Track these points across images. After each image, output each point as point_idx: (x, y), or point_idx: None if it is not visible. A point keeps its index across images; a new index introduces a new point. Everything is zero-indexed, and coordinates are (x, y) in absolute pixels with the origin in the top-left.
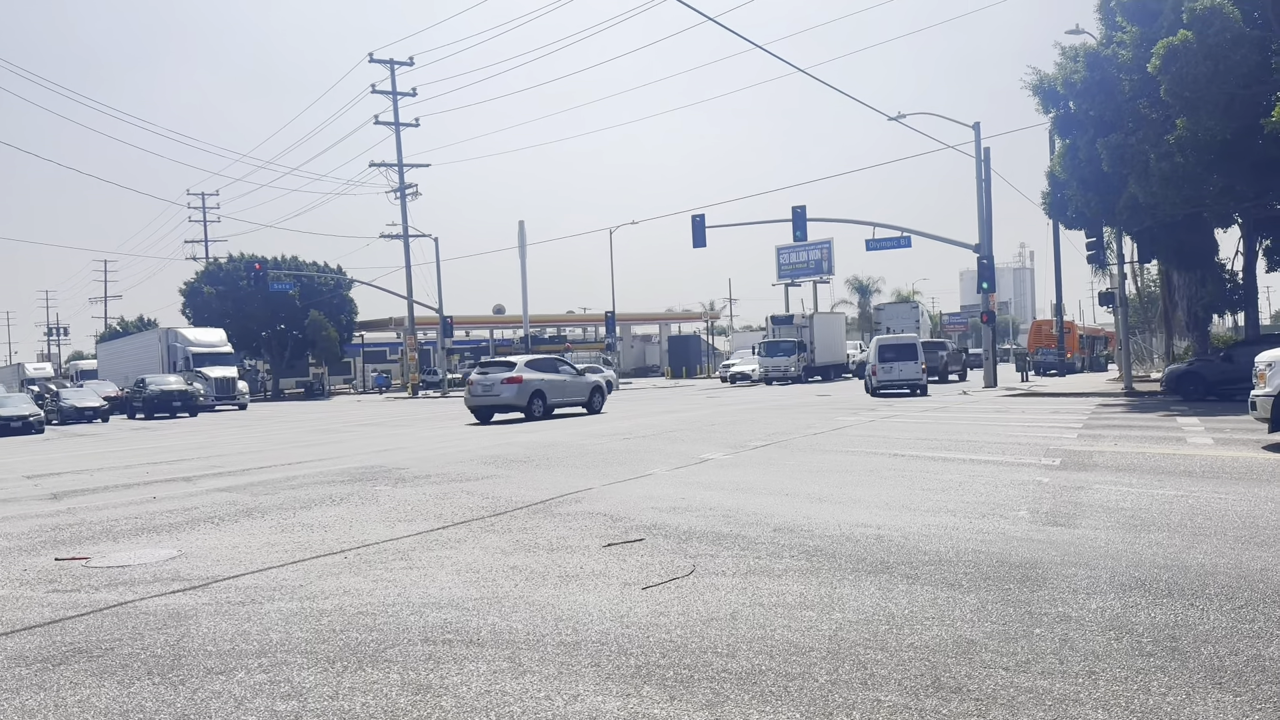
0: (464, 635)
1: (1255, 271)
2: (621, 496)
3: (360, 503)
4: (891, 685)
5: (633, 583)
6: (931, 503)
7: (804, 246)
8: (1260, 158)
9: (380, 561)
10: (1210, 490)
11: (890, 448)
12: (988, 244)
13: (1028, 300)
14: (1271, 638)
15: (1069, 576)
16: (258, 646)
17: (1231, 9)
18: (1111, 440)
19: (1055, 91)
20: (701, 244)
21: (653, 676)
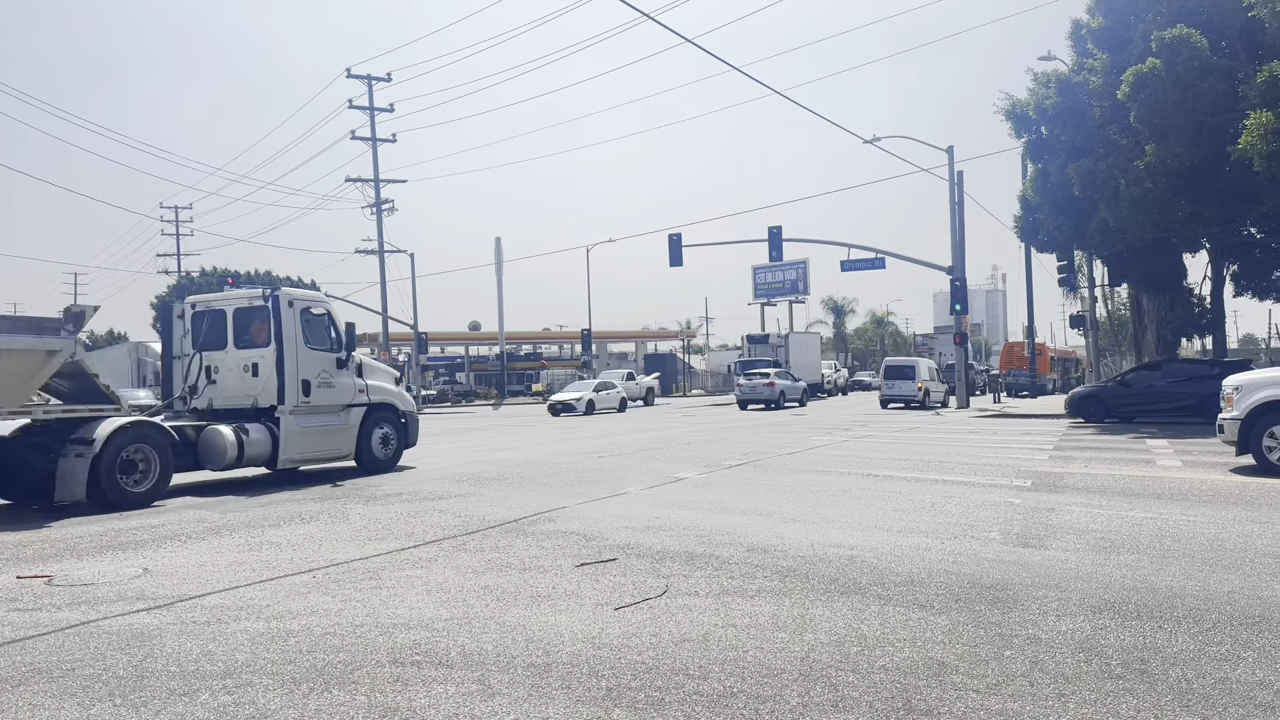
0: (433, 657)
1: (1223, 296)
2: (595, 515)
3: (330, 521)
4: (863, 708)
5: (605, 603)
6: (904, 523)
7: (780, 266)
8: (1227, 184)
9: (349, 581)
10: (1179, 512)
11: (864, 468)
12: (960, 266)
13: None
14: (1238, 660)
15: (1040, 598)
16: (222, 667)
17: (1199, 38)
18: (1082, 462)
19: (1027, 117)
20: (678, 263)
21: (623, 699)
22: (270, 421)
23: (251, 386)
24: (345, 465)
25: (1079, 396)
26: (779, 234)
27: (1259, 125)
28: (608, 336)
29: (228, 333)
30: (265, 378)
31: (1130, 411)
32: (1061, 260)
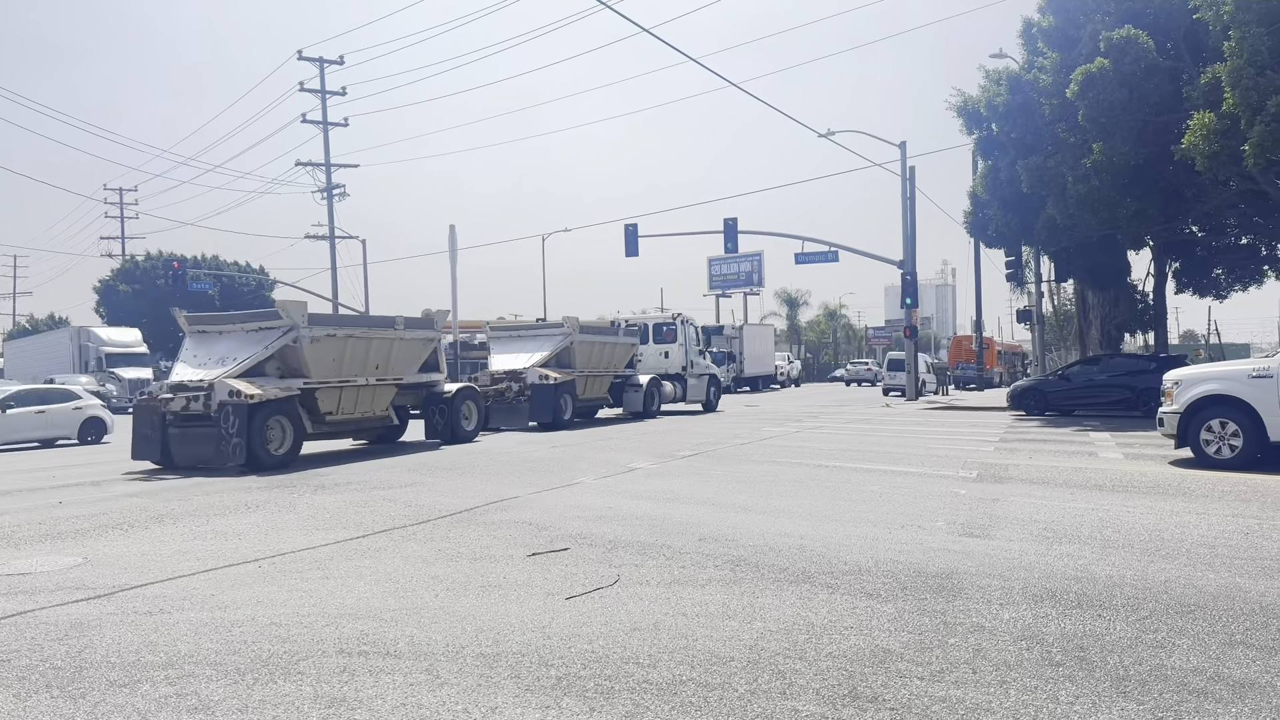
0: (381, 647)
1: (1165, 292)
2: (548, 505)
3: (277, 510)
4: (810, 695)
5: (556, 593)
6: (853, 513)
7: (735, 258)
8: (1171, 183)
9: (296, 571)
10: (1119, 503)
11: (815, 458)
12: (911, 260)
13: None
14: (1174, 648)
15: (984, 587)
16: (164, 658)
17: (1146, 39)
18: (1027, 454)
19: (978, 113)
20: (634, 253)
21: (573, 688)
22: (678, 381)
23: (662, 364)
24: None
25: (1020, 390)
26: (734, 226)
27: (1201, 126)
28: None
29: (649, 335)
30: (673, 359)
31: (1071, 405)
32: (1009, 256)
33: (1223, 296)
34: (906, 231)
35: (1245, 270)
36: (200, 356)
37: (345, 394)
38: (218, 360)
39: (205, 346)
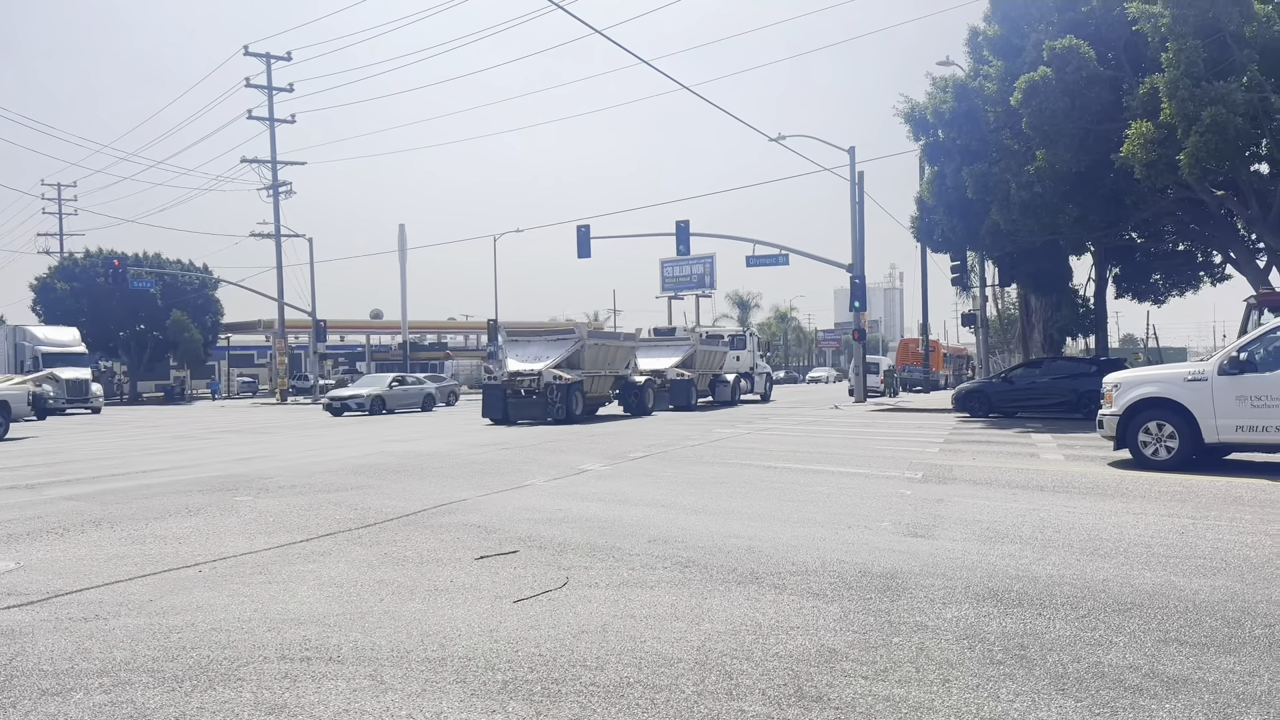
0: (324, 652)
1: (1105, 297)
2: (497, 508)
3: (219, 514)
4: (756, 695)
5: (504, 596)
6: (801, 514)
7: (687, 261)
8: (1111, 190)
9: (237, 576)
10: (1060, 504)
11: (765, 460)
12: (860, 264)
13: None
14: (1111, 645)
15: (927, 586)
16: (99, 665)
17: (1087, 50)
18: (970, 455)
19: (925, 120)
20: (586, 254)
21: (519, 691)
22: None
23: (736, 365)
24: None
25: (964, 392)
26: (686, 228)
27: (1140, 135)
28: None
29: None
30: (743, 361)
31: (1013, 407)
32: (955, 261)
33: (1161, 301)
34: (855, 236)
35: (1182, 276)
36: (521, 356)
37: (596, 381)
38: (534, 358)
39: (520, 349)
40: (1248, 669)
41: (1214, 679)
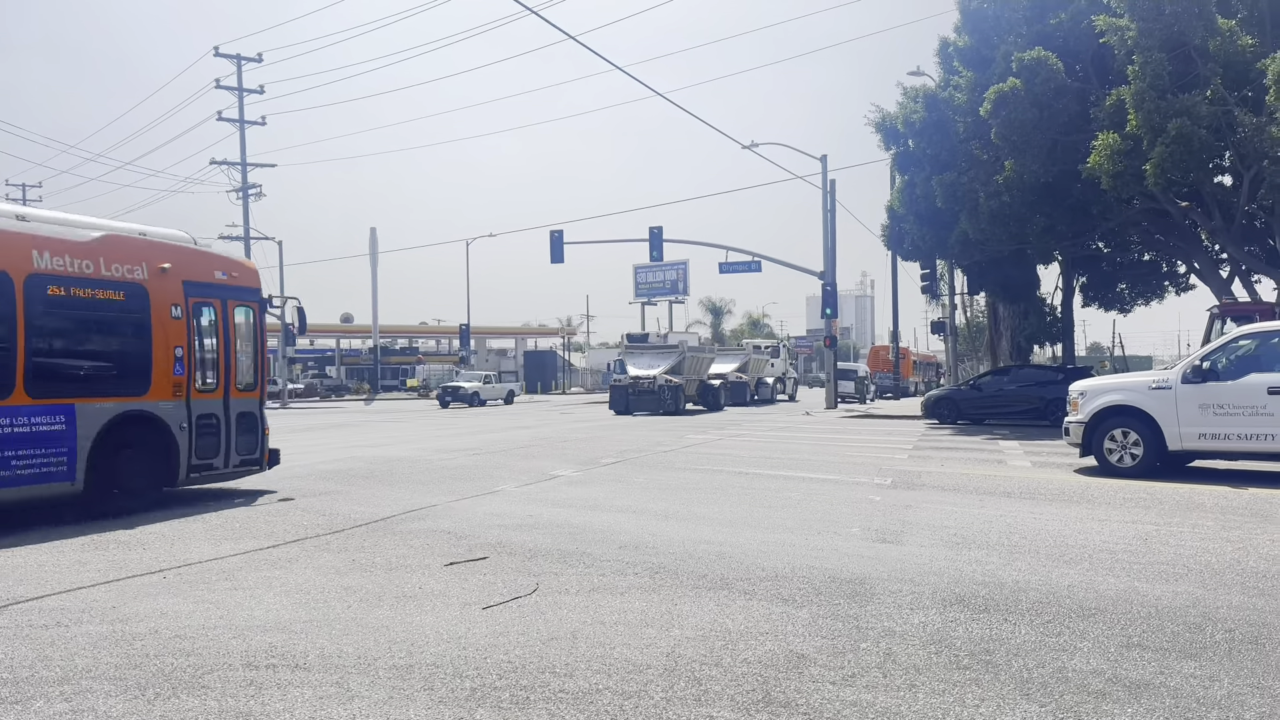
0: (290, 659)
1: (1072, 306)
2: (467, 513)
3: (184, 518)
4: (724, 701)
5: (473, 603)
6: (772, 520)
7: (661, 267)
8: (1078, 200)
9: (203, 582)
10: (1026, 510)
11: (736, 466)
12: (832, 272)
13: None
14: (1075, 650)
15: (895, 592)
16: (60, 673)
17: (1056, 61)
18: (939, 461)
19: (896, 130)
20: (560, 260)
21: (488, 699)
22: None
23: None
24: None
25: (933, 399)
26: (659, 234)
27: (1106, 146)
28: (487, 332)
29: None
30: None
31: (981, 414)
32: (925, 269)
33: (1127, 310)
34: (827, 243)
35: (1148, 285)
36: (638, 363)
37: (690, 383)
38: (648, 365)
39: (636, 357)
40: (1208, 673)
41: (1175, 683)
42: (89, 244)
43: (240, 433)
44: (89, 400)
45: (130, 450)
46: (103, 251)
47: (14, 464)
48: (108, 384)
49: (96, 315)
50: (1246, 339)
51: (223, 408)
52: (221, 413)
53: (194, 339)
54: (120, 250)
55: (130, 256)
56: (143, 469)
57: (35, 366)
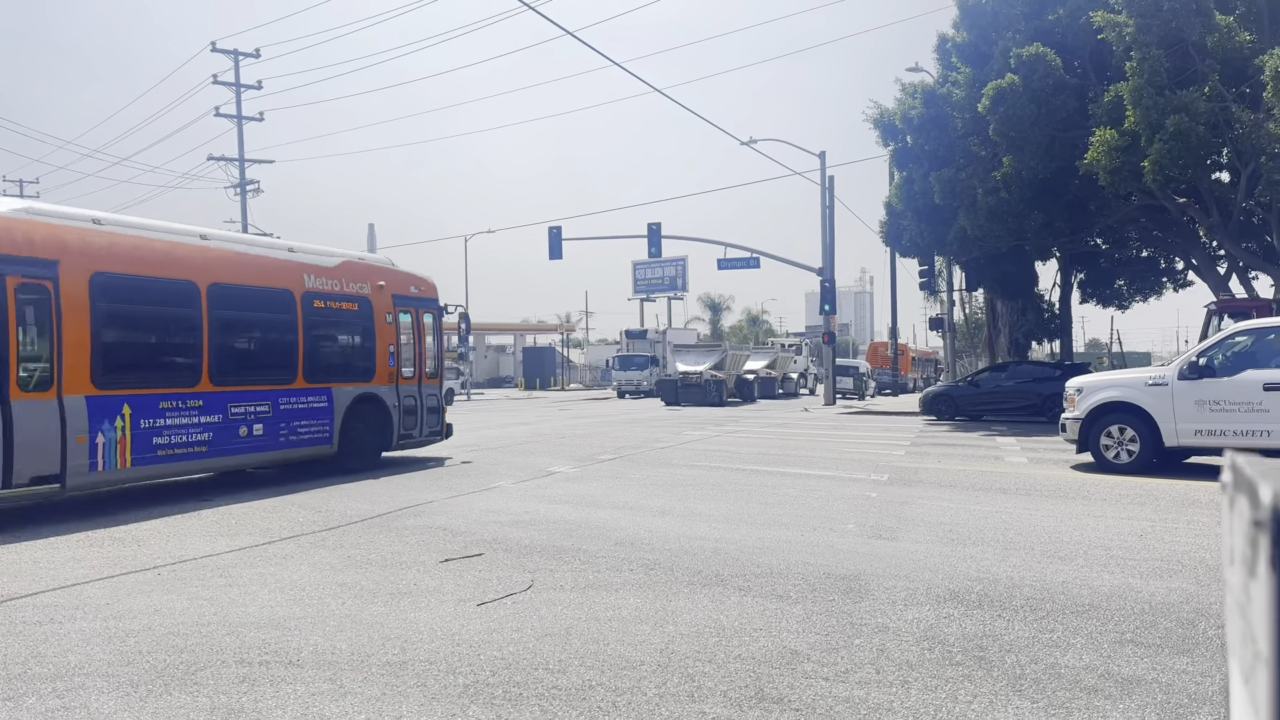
0: (283, 656)
1: (1070, 302)
2: (463, 510)
3: (179, 515)
4: (717, 697)
5: (467, 599)
6: (767, 516)
7: (659, 263)
8: (1076, 197)
9: (197, 578)
10: (1022, 506)
11: (733, 462)
12: (830, 268)
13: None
14: (1068, 647)
15: (890, 588)
16: (53, 669)
17: (1054, 57)
18: (936, 458)
19: (894, 126)
20: (558, 256)
21: (481, 695)
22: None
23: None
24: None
25: (931, 395)
26: (658, 230)
27: (1104, 142)
28: (486, 328)
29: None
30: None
31: (979, 410)
32: (923, 265)
33: (1125, 306)
34: (826, 240)
35: (1146, 282)
36: (685, 360)
37: (730, 378)
38: (695, 362)
39: (683, 355)
40: (1200, 670)
41: (1167, 679)
42: (333, 268)
43: (428, 411)
44: (340, 384)
45: (362, 423)
46: (343, 273)
47: (300, 431)
48: (350, 373)
49: (342, 321)
50: (1243, 335)
51: (417, 391)
52: (417, 395)
53: (399, 339)
54: (353, 272)
55: (359, 276)
56: (371, 437)
57: (308, 360)
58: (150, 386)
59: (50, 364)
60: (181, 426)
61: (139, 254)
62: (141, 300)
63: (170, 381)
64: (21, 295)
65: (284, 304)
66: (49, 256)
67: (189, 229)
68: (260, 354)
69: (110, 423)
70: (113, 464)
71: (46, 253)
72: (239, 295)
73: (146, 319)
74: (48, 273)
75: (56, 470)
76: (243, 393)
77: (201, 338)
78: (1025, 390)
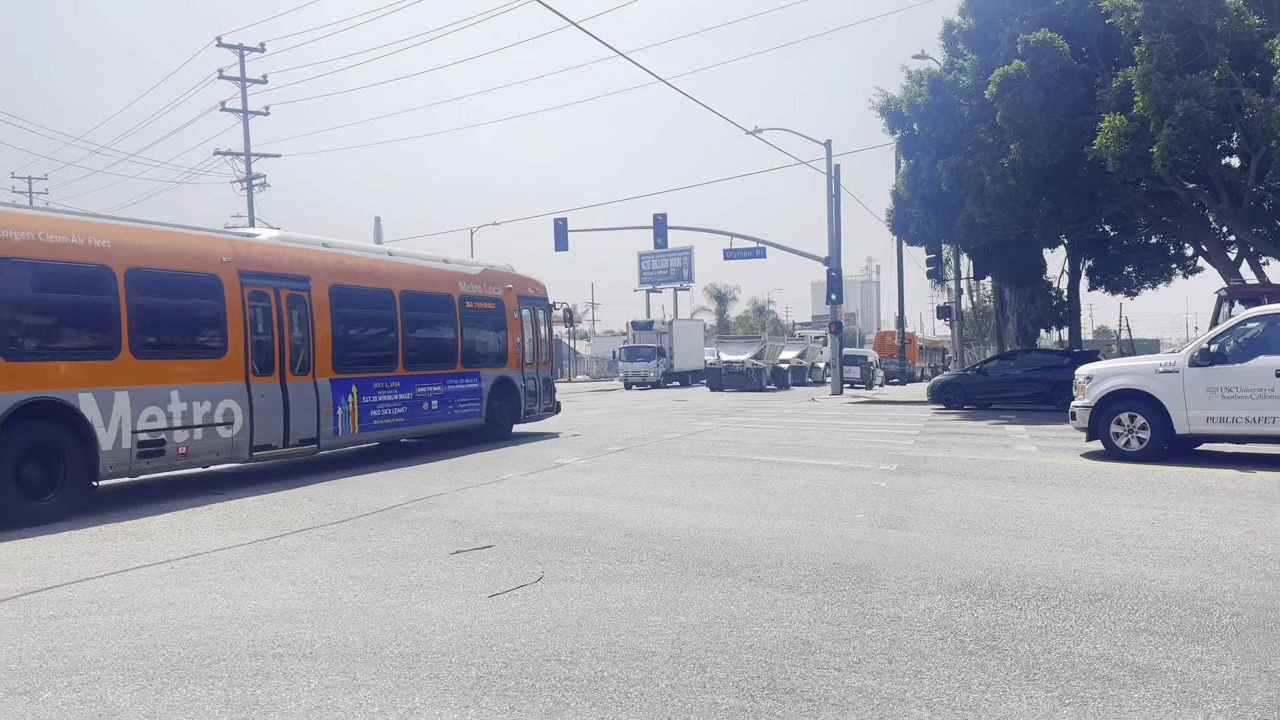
0: (296, 649)
1: (1079, 289)
2: (473, 502)
3: (191, 508)
4: (730, 687)
5: (479, 591)
6: (777, 506)
7: (665, 254)
8: (1084, 183)
9: (210, 572)
10: (1032, 495)
11: (742, 452)
12: (837, 257)
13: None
14: (1081, 636)
15: (901, 578)
16: (68, 664)
17: (1062, 43)
18: (945, 446)
19: (901, 114)
20: (564, 247)
21: (493, 687)
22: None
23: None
24: None
25: (939, 384)
26: (664, 221)
27: (1113, 128)
28: None
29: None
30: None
31: (987, 399)
32: (930, 254)
33: (1134, 293)
34: (832, 229)
35: (1155, 268)
36: (728, 351)
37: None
38: (737, 352)
39: (727, 347)
40: (1215, 658)
41: (1182, 668)
42: (477, 274)
43: (545, 391)
44: (485, 369)
45: (500, 401)
46: (484, 278)
47: (461, 406)
48: (491, 359)
49: (485, 318)
50: (1254, 321)
51: (536, 375)
52: (536, 378)
53: (523, 332)
54: (491, 277)
55: (495, 280)
56: (507, 412)
57: (465, 349)
58: (367, 371)
59: (307, 355)
60: (388, 402)
61: (356, 269)
62: (360, 304)
63: (379, 367)
64: (289, 304)
65: (448, 305)
66: (303, 274)
67: (377, 248)
68: (434, 345)
69: (344, 399)
70: (348, 430)
71: (301, 270)
72: (419, 299)
73: (363, 319)
74: (304, 286)
75: (314, 435)
76: (425, 376)
77: (397, 333)
78: (1034, 378)
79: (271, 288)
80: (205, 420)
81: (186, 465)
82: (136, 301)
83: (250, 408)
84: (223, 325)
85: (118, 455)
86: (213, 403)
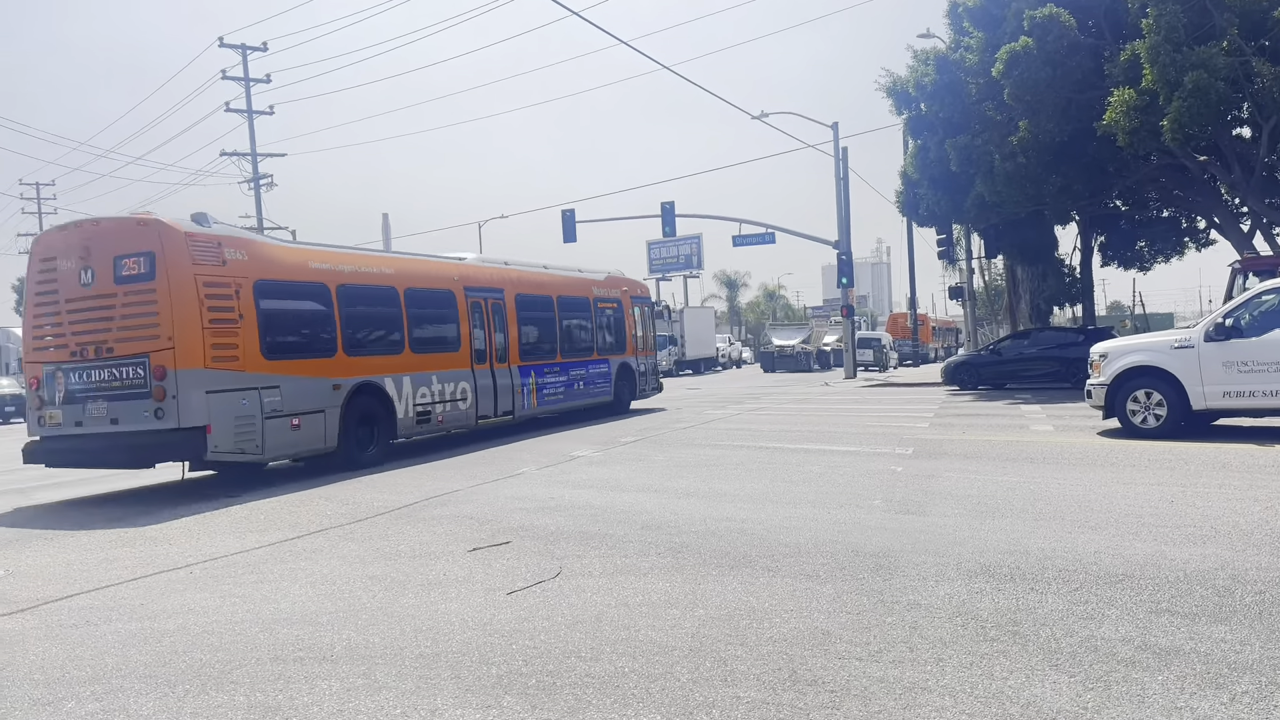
0: (317, 652)
1: (1091, 266)
2: (489, 498)
3: (208, 511)
4: (751, 680)
5: (498, 588)
6: (793, 494)
7: (674, 241)
8: (1094, 159)
9: (229, 575)
10: (1050, 476)
11: (756, 440)
12: (846, 240)
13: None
14: (1103, 619)
15: (919, 564)
16: (91, 672)
17: (1068, 18)
18: (961, 429)
19: (907, 94)
20: (572, 239)
21: (514, 685)
22: None
23: None
24: None
25: (954, 365)
26: (672, 209)
27: (1122, 102)
28: None
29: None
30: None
31: (1002, 379)
32: (941, 234)
33: (1147, 268)
34: (841, 212)
35: (1167, 242)
36: (780, 336)
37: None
38: (788, 337)
39: (778, 332)
40: (1239, 638)
41: (1205, 649)
42: (603, 280)
43: (651, 374)
44: (611, 357)
45: (622, 382)
46: (606, 284)
47: (598, 386)
48: (615, 349)
49: (610, 315)
50: (1270, 294)
51: (646, 361)
52: (647, 363)
53: (636, 326)
54: (611, 282)
55: (614, 284)
56: (626, 391)
57: (598, 341)
58: (538, 359)
59: (506, 348)
60: (552, 384)
61: (530, 280)
62: (534, 308)
63: (546, 356)
64: (492, 310)
65: (586, 306)
66: (499, 285)
67: (529, 261)
68: (579, 338)
69: (527, 381)
70: (530, 405)
71: (498, 283)
72: (570, 302)
73: (535, 319)
74: (500, 296)
75: (510, 408)
76: (575, 363)
77: (556, 327)
78: (1048, 356)
79: (482, 298)
80: (451, 397)
81: (441, 430)
82: (412, 312)
83: (475, 388)
84: (457, 327)
85: (406, 422)
86: (455, 384)
